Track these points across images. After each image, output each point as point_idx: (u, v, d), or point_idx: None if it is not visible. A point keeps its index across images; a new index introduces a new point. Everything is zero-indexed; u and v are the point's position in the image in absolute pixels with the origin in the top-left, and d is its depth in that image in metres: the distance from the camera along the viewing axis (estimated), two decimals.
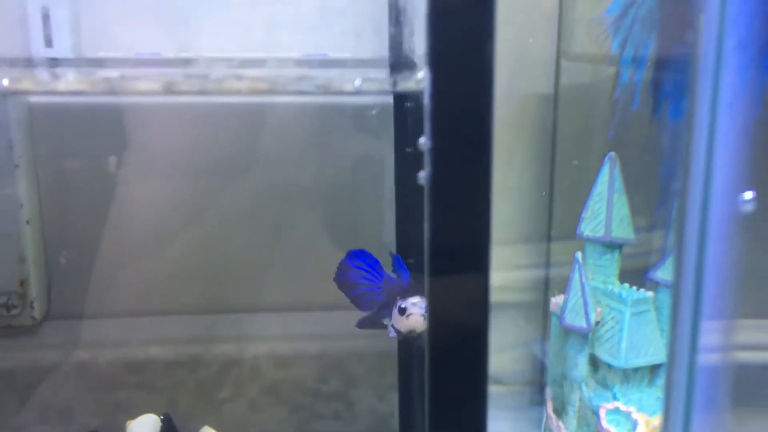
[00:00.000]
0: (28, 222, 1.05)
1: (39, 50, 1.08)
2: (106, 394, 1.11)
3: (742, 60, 0.36)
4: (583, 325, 0.79)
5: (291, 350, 1.14)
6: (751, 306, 0.93)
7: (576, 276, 0.81)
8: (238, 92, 0.61)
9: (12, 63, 1.02)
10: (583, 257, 0.86)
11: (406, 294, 0.76)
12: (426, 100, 0.34)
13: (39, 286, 1.08)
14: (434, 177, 0.34)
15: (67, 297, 1.10)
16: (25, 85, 0.65)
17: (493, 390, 1.13)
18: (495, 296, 1.13)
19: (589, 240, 0.86)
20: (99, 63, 1.05)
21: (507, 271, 1.05)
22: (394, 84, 0.80)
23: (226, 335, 1.14)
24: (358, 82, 0.67)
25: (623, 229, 0.85)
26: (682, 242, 0.38)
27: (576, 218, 0.86)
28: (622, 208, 0.85)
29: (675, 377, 0.41)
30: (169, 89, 0.63)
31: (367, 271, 0.81)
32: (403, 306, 0.75)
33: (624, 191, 0.83)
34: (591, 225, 0.85)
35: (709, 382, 0.41)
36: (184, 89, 0.65)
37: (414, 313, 0.74)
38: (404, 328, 0.75)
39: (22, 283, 1.06)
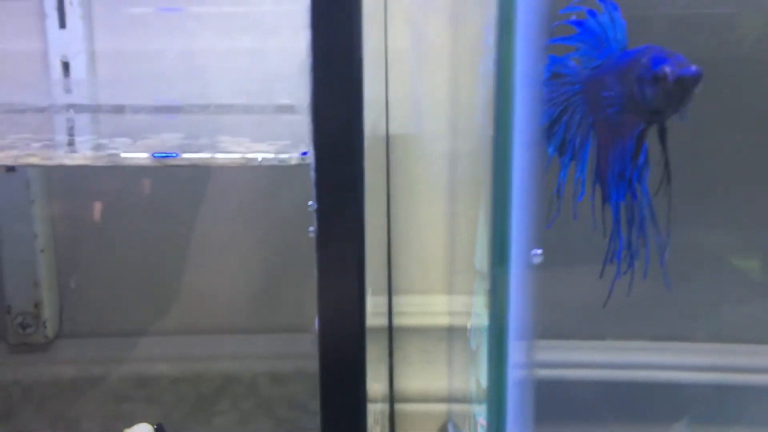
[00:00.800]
0: (42, 251, 1.15)
1: (59, 97, 1.18)
2: (111, 405, 1.19)
3: (527, 143, 0.46)
4: (473, 347, 0.85)
5: (288, 369, 1.21)
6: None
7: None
8: (228, 165, 0.67)
9: (34, 109, 1.13)
10: None
11: None
12: (311, 173, 0.44)
13: (51, 307, 1.17)
14: (320, 231, 0.45)
15: (76, 318, 1.18)
16: (32, 160, 0.72)
17: (453, 408, 1.20)
18: (456, 320, 1.21)
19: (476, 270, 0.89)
20: (117, 109, 1.15)
21: (473, 296, 1.13)
22: None
23: (227, 353, 1.21)
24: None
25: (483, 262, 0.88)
26: (493, 284, 0.48)
27: None
28: (485, 243, 0.89)
29: (491, 392, 0.50)
30: (163, 163, 0.71)
31: None
32: None
33: (486, 227, 0.88)
34: (477, 256, 0.88)
35: (516, 395, 0.50)
36: (177, 163, 0.71)
37: None
38: None
39: (37, 305, 1.15)
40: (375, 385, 0.83)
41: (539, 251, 0.49)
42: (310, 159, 0.46)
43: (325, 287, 0.48)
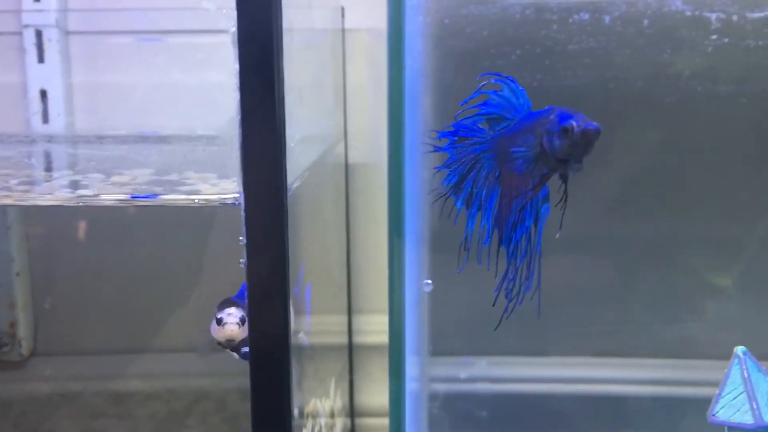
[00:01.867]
0: (18, 274, 1.20)
1: (37, 127, 1.24)
2: (85, 420, 1.24)
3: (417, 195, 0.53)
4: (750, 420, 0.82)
5: None
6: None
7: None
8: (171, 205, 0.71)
9: (14, 141, 1.17)
10: None
11: (222, 305, 0.79)
12: (241, 213, 0.52)
13: (26, 327, 1.22)
14: (249, 263, 0.52)
15: (50, 337, 1.23)
16: (6, 201, 0.76)
17: None
18: None
19: None
20: (93, 141, 1.20)
21: None
22: None
23: (198, 371, 1.26)
24: None
25: None
26: (391, 309, 0.55)
27: None
28: None
29: (391, 405, 0.57)
30: (130, 204, 0.76)
31: None
32: (219, 316, 0.78)
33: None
34: None
35: (414, 407, 0.57)
36: (144, 204, 0.76)
37: (229, 322, 0.76)
38: (223, 337, 0.78)
39: (12, 325, 1.20)
40: (316, 401, 0.89)
41: (429, 281, 0.57)
42: (241, 201, 0.53)
43: (254, 313, 0.55)
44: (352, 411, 1.28)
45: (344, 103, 1.21)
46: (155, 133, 1.17)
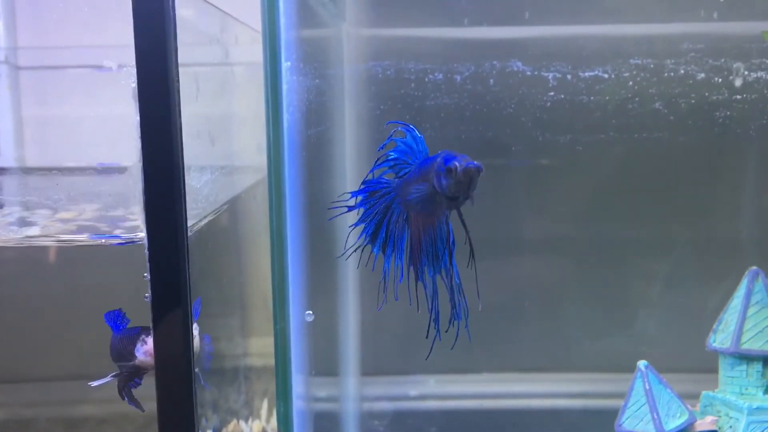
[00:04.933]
0: None
1: None
2: None
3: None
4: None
5: None
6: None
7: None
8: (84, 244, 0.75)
9: None
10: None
11: (146, 331, 0.83)
12: (145, 251, 0.57)
13: None
14: (153, 297, 0.57)
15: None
16: None
17: None
18: None
19: (718, 352, 0.91)
20: (44, 173, 1.22)
21: None
22: None
23: (150, 395, 1.31)
24: None
25: (761, 342, 0.87)
26: (276, 339, 0.61)
27: None
28: (763, 320, 0.88)
29: (278, 423, 0.62)
30: (71, 242, 0.79)
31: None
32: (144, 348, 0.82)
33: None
34: (720, 337, 0.91)
35: (300, 421, 0.63)
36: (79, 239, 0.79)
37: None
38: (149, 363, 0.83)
39: None
40: (240, 421, 0.93)
41: (310, 312, 0.62)
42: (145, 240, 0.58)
43: (158, 341, 0.60)
44: None
45: None
46: (108, 165, 1.20)
